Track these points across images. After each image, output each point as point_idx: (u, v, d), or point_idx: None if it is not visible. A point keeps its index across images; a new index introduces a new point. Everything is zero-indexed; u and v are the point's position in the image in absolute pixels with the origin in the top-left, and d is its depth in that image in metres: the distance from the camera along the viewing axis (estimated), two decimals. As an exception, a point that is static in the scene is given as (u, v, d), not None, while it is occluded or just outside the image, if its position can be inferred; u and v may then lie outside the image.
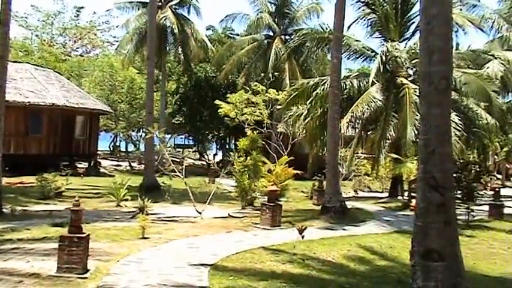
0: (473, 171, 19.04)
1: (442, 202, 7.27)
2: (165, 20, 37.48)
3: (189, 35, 38.61)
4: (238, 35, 45.52)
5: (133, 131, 44.36)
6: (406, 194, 23.91)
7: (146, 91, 27.42)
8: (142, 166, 30.90)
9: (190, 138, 50.01)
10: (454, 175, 16.88)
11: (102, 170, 34.55)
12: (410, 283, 7.39)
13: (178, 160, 25.30)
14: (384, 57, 23.04)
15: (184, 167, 19.49)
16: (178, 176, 19.06)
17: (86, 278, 9.00)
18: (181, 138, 54.12)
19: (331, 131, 19.35)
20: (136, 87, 39.96)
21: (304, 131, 25.06)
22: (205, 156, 45.92)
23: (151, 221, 14.40)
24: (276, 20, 39.59)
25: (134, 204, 17.35)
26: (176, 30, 37.48)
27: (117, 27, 51.74)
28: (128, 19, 39.49)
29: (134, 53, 38.45)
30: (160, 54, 36.69)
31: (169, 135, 45.37)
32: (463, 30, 25.70)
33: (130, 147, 48.24)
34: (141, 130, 40.87)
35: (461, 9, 26.78)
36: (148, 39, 26.77)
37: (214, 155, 49.67)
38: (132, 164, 39.68)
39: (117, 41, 46.31)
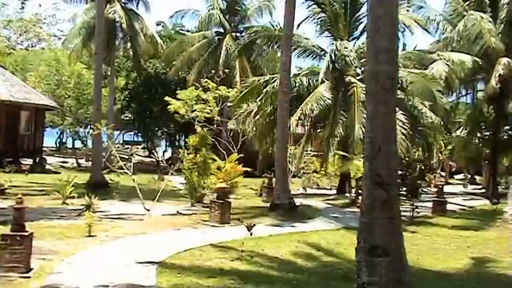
0: (417, 168, 19.54)
1: (386, 199, 7.41)
2: (113, 14, 36.76)
3: (138, 30, 38.04)
4: (188, 31, 45.20)
5: (80, 127, 43.37)
6: (353, 191, 24.32)
7: (94, 87, 26.91)
8: (90, 163, 30.32)
9: (139, 134, 49.37)
10: (399, 172, 17.30)
11: (47, 166, 33.65)
12: (355, 278, 7.51)
13: (126, 157, 24.92)
14: (333, 56, 23.38)
15: (132, 164, 19.25)
16: (126, 173, 18.80)
17: (29, 277, 8.76)
18: (130, 134, 53.39)
19: (280, 129, 19.50)
20: (83, 83, 39.05)
21: (254, 129, 25.18)
22: (155, 153, 45.44)
23: (98, 219, 14.15)
24: (227, 17, 39.52)
25: (81, 202, 17.00)
26: (125, 25, 36.89)
27: (64, 21, 50.35)
28: (76, 13, 38.72)
29: (82, 48, 37.60)
30: (108, 49, 35.99)
31: (117, 132, 44.66)
32: (410, 30, 26.36)
33: (78, 144, 47.22)
34: (89, 126, 40.03)
35: (408, 10, 27.43)
36: (96, 34, 26.30)
37: (164, 152, 49.22)
38: (79, 161, 38.86)
39: (64, 35, 45.09)
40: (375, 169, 7.51)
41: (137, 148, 37.65)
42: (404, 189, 18.35)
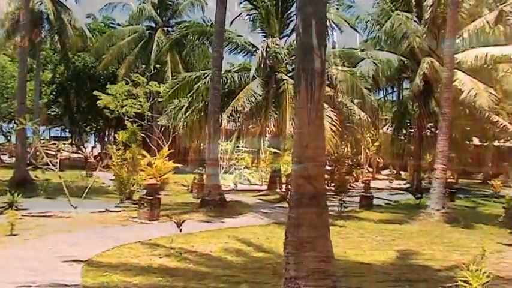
0: (345, 164, 19.98)
1: (314, 194, 7.51)
2: (40, 5, 35.60)
3: (66, 23, 36.95)
4: (119, 25, 44.33)
5: (4, 122, 41.73)
6: (284, 186, 24.58)
7: (18, 80, 25.93)
8: (14, 159, 29.21)
9: (67, 130, 48.03)
10: (328, 168, 17.67)
11: (-32, 163, 32.24)
12: (284, 273, 7.57)
13: (53, 153, 24.17)
14: (264, 53, 23.51)
15: (59, 160, 18.71)
16: (52, 169, 18.25)
17: None
18: (57, 130, 51.83)
19: (211, 125, 19.44)
20: (7, 76, 37.48)
21: (186, 125, 25.01)
22: (83, 149, 44.32)
23: (21, 217, 13.66)
24: (158, 11, 39.03)
25: (3, 200, 16.35)
26: (52, 17, 35.76)
27: (-14, 11, 48.20)
28: (-1, 2, 37.02)
29: (6, 39, 36.21)
30: (34, 41, 34.84)
31: (44, 127, 43.24)
32: (339, 29, 26.87)
33: (1, 139, 45.37)
34: (13, 121, 38.54)
35: (337, 9, 27.96)
36: (21, 25, 25.31)
37: (93, 147, 48.10)
38: (2, 157, 37.43)
39: (-14, 26, 43.30)
40: (303, 164, 7.60)
41: (64, 144, 36.55)
42: (332, 184, 18.75)
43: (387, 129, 33.67)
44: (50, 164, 18.44)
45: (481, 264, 7.41)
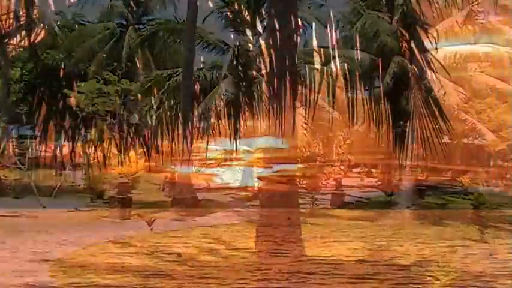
0: (317, 162, 20.09)
1: (285, 192, 7.56)
2: (7, 1, 34.89)
3: (34, 19, 36.29)
4: (89, 22, 43.71)
5: (-30, 120, 40.87)
6: (256, 184, 24.58)
7: (-15, 78, 25.45)
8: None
9: (36, 128, 47.26)
10: (300, 166, 17.75)
11: None
12: (256, 271, 7.60)
13: (21, 152, 23.80)
14: (236, 51, 23.44)
15: (27, 159, 18.42)
16: (21, 168, 17.97)
17: None
18: (26, 128, 50.99)
19: (183, 123, 19.33)
20: (-26, 73, 36.78)
21: (157, 123, 24.81)
22: (53, 148, 43.70)
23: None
24: (129, 8, 38.60)
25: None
26: (20, 13, 35.09)
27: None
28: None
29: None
30: (1, 38, 34.17)
31: (12, 126, 42.49)
32: (311, 27, 26.92)
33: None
34: (-20, 119, 37.82)
35: (309, 7, 28.01)
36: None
37: (63, 146, 47.43)
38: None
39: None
40: (275, 163, 7.64)
41: (33, 142, 35.98)
42: (304, 182, 18.84)
43: (359, 127, 33.87)
44: (18, 163, 18.15)
45: (450, 260, 7.54)
